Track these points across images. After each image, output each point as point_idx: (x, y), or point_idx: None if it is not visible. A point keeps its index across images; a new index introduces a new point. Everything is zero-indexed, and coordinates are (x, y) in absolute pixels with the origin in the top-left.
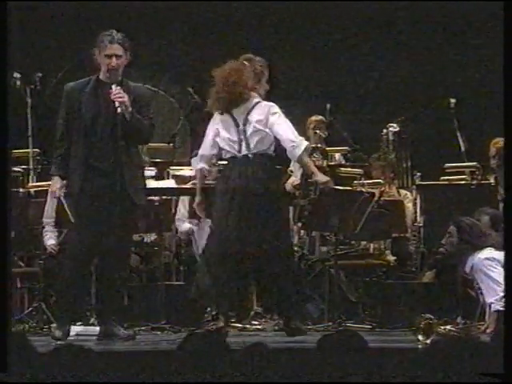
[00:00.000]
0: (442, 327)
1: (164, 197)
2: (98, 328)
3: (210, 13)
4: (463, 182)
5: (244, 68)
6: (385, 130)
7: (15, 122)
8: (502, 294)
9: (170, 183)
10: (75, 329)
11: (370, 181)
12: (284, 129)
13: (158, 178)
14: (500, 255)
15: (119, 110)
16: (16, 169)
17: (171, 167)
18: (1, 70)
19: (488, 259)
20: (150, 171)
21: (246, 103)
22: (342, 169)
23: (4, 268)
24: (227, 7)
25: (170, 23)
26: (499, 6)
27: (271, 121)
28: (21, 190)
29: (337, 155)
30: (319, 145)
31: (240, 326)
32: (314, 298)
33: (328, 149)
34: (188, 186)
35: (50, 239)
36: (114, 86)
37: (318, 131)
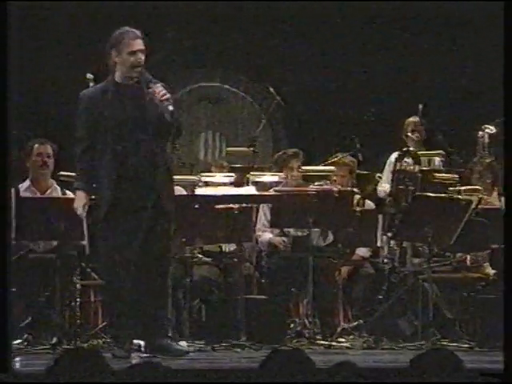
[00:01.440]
0: None
1: (244, 204)
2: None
3: (293, 9)
4: None
5: None
6: (481, 133)
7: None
8: None
9: (249, 190)
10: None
11: (468, 187)
12: None
13: (236, 184)
14: None
15: (171, 107)
16: None
17: (251, 173)
18: (1, 70)
19: None
20: (228, 177)
21: None
22: (437, 174)
23: (4, 268)
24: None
25: (252, 19)
26: (499, 6)
27: None
28: (93, 197)
29: (436, 160)
30: (410, 148)
31: (326, 343)
32: (407, 313)
33: (420, 153)
34: (269, 192)
35: None
36: (153, 85)
37: (409, 134)
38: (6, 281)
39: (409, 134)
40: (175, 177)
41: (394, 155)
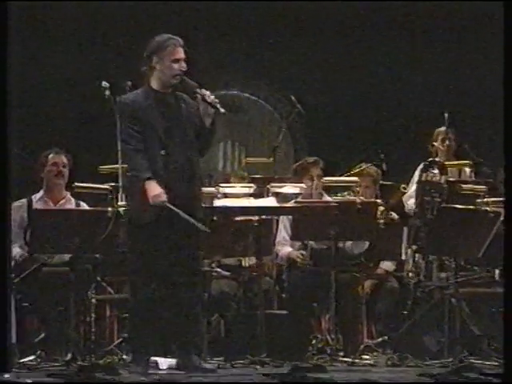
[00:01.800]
0: None
1: (264, 216)
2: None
3: (316, 16)
4: None
5: None
6: None
7: (103, 134)
8: None
9: (270, 201)
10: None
11: (496, 199)
12: None
13: (256, 195)
14: None
15: (222, 110)
16: (104, 186)
17: (272, 184)
18: (1, 70)
19: None
20: (247, 188)
21: None
22: (464, 185)
23: (4, 268)
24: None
25: (273, 26)
26: (499, 6)
27: None
28: (109, 209)
29: (467, 170)
30: (436, 159)
31: (349, 360)
32: (433, 330)
33: (447, 163)
34: (290, 204)
35: None
36: (200, 90)
37: (437, 144)
38: (5, 280)
39: (436, 143)
40: None
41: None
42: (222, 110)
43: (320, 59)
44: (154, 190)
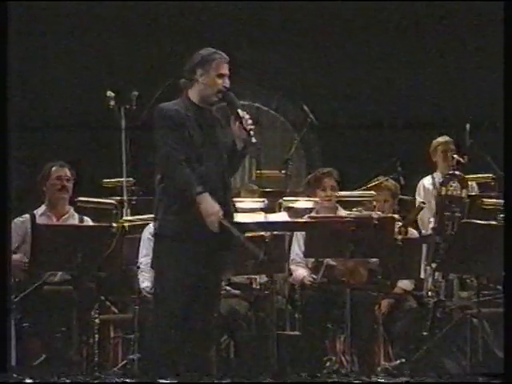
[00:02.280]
0: None
1: (276, 232)
2: None
3: (328, 24)
4: None
5: None
6: None
7: (107, 147)
8: None
9: (282, 217)
10: None
11: None
12: None
13: (268, 210)
14: None
15: (253, 139)
16: (108, 201)
17: (284, 198)
18: (1, 71)
19: None
20: (259, 202)
21: None
22: (486, 200)
23: (4, 267)
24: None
25: (285, 34)
26: (499, 6)
27: None
28: (114, 224)
29: (474, 184)
30: (457, 172)
31: (364, 383)
32: (453, 352)
33: (467, 176)
34: (303, 219)
35: (146, 281)
36: (242, 112)
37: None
38: (5, 280)
39: (442, 154)
40: None
41: (427, 179)
42: (254, 140)
43: (333, 67)
44: (213, 205)
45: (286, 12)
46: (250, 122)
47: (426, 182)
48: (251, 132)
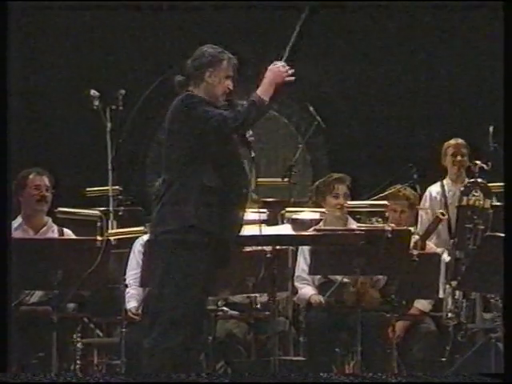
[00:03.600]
0: None
1: (278, 247)
2: None
3: (327, 22)
4: None
5: None
6: None
7: (91, 151)
8: None
9: (285, 229)
10: None
11: None
12: None
13: (270, 222)
14: None
15: (253, 154)
16: (92, 212)
17: (287, 209)
18: (1, 72)
19: None
20: (259, 214)
21: None
22: None
23: (4, 267)
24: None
25: (286, 33)
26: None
27: None
28: (98, 238)
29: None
30: (479, 179)
31: None
32: (476, 378)
33: (491, 185)
34: (309, 232)
35: (132, 301)
36: None
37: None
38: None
39: (451, 157)
40: None
41: (435, 187)
42: (253, 154)
43: (339, 66)
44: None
45: (287, 10)
46: (250, 132)
47: (434, 190)
48: (251, 143)
